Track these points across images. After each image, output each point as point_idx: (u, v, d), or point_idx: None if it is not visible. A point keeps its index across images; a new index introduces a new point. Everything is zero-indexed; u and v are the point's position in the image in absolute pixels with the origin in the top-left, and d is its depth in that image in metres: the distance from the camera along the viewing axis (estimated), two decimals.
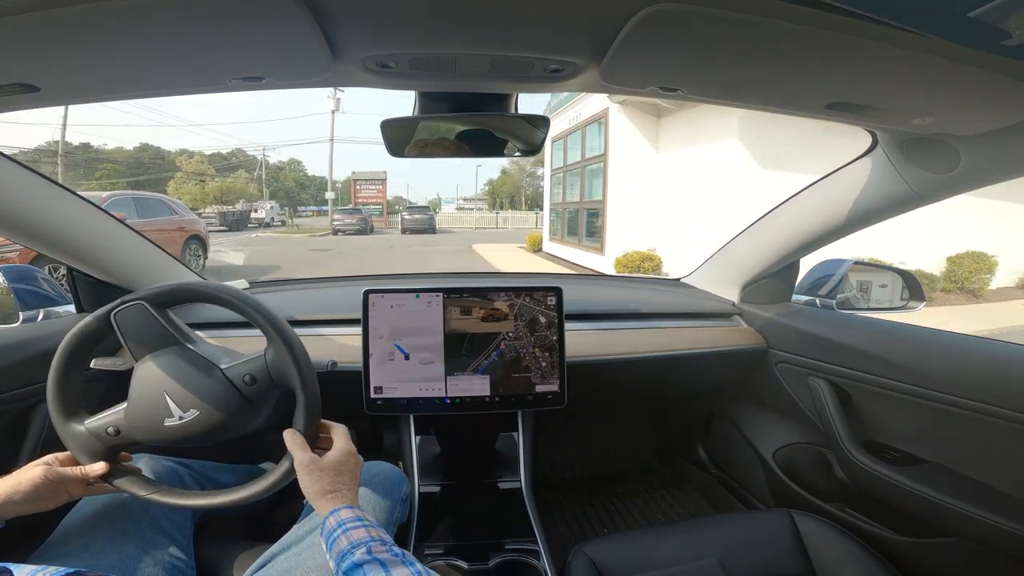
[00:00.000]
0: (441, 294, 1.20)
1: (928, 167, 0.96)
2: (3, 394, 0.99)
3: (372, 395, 1.18)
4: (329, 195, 31.98)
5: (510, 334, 1.21)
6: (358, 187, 34.04)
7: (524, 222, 34.65)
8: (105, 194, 7.82)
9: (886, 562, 1.01)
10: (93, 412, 0.84)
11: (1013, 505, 0.94)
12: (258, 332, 0.84)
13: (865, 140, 1.05)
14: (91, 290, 1.22)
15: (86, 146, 45.90)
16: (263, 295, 1.57)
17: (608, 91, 0.79)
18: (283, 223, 34.73)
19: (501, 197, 56.20)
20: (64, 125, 23.85)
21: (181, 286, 0.85)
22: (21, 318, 1.19)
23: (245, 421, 0.84)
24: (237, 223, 28.03)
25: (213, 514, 1.05)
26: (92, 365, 0.91)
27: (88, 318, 0.81)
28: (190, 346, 0.84)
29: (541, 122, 0.89)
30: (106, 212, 1.20)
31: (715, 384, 1.70)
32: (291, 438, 0.80)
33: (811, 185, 1.27)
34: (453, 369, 1.19)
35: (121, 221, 1.25)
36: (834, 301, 1.49)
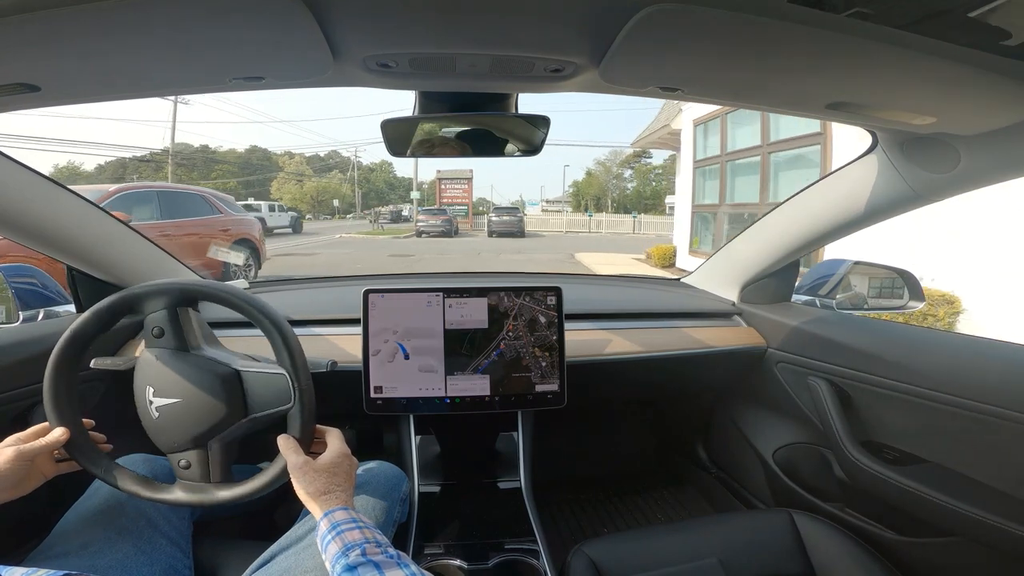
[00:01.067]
0: (441, 294, 1.20)
1: (928, 167, 0.96)
2: (3, 394, 0.99)
3: (372, 395, 1.18)
4: (414, 195, 30.61)
5: (510, 334, 1.21)
6: (443, 186, 31.44)
7: (619, 226, 31.40)
8: (114, 187, 6.13)
9: (885, 562, 1.01)
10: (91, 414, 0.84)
11: (1013, 504, 0.94)
12: (257, 332, 0.84)
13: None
14: (91, 290, 1.22)
15: (205, 147, 47.91)
16: (264, 295, 1.58)
17: (609, 91, 0.79)
18: (408, 219, 35.03)
19: (586, 199, 52.11)
20: (174, 124, 24.40)
21: (177, 285, 0.85)
22: (21, 318, 1.19)
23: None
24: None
25: (211, 514, 1.04)
26: (92, 364, 0.91)
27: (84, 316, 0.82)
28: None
29: (541, 122, 0.89)
30: (106, 212, 1.20)
31: (715, 384, 1.70)
32: (284, 442, 0.80)
33: (812, 185, 1.27)
34: (453, 369, 1.19)
35: (123, 222, 1.25)
36: (834, 301, 1.50)
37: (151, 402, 0.82)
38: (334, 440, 0.84)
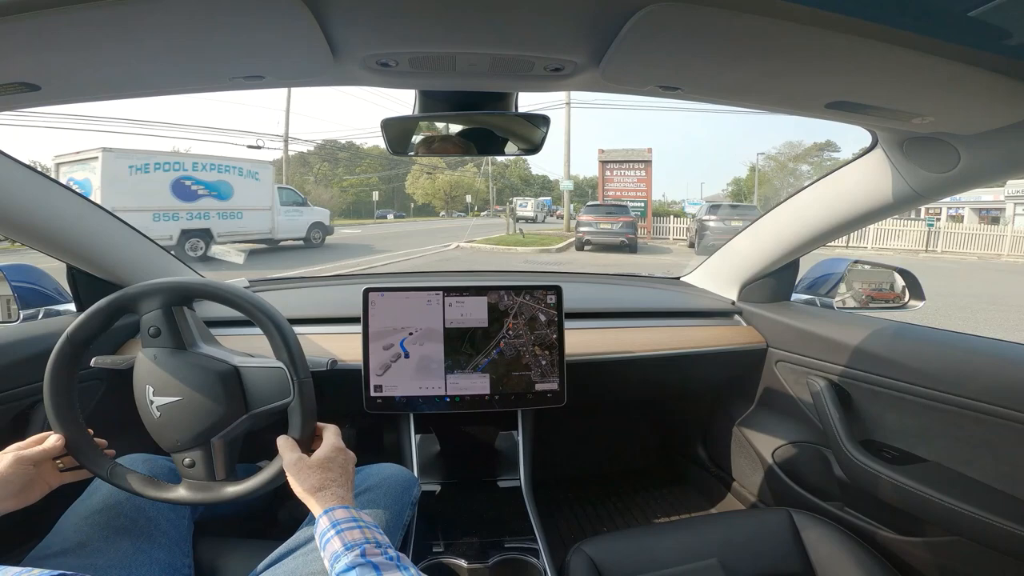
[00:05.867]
0: (441, 292, 1.20)
1: (928, 166, 0.96)
2: (3, 393, 0.99)
3: (372, 394, 1.18)
4: (566, 184, 19.60)
5: (510, 332, 1.21)
6: (610, 173, 20.17)
7: (902, 237, 17.79)
8: None
9: (884, 561, 1.01)
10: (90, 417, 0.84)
11: (1012, 504, 0.94)
12: (256, 331, 0.84)
13: None
14: (91, 288, 1.23)
15: (351, 144, 48.23)
16: (263, 294, 1.58)
17: (609, 90, 0.79)
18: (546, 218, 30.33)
19: (751, 199, 40.67)
20: (287, 113, 23.22)
21: (171, 284, 0.85)
22: (22, 316, 1.19)
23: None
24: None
25: (212, 513, 1.05)
26: (92, 363, 0.91)
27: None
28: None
29: (541, 120, 0.90)
30: (105, 210, 1.20)
31: (715, 383, 1.70)
32: (282, 442, 0.80)
33: (812, 183, 1.27)
34: (453, 367, 1.19)
35: (122, 220, 1.25)
36: (834, 300, 1.50)
37: (152, 402, 0.82)
38: (329, 435, 0.83)
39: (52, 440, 0.79)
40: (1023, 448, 0.93)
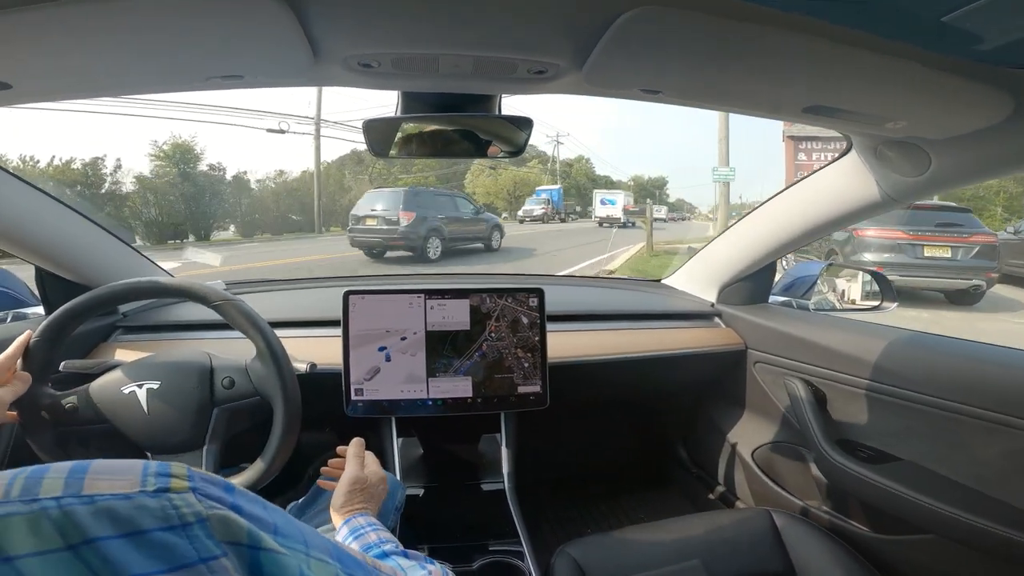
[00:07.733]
0: (423, 295, 1.19)
1: (900, 170, 0.98)
2: None
3: (353, 397, 1.16)
4: (721, 174, 12.27)
5: (492, 335, 1.21)
6: (803, 154, 14.89)
7: None
8: None
9: (863, 559, 1.03)
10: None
11: (985, 502, 0.96)
12: (236, 334, 0.83)
13: None
14: (60, 291, 1.19)
15: None
16: (242, 296, 1.55)
17: (592, 93, 0.80)
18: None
19: None
20: (319, 100, 22.35)
21: (152, 283, 0.83)
22: None
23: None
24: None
25: None
26: (62, 368, 0.88)
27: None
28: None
29: (524, 123, 0.89)
30: (75, 210, 1.17)
31: (695, 384, 1.71)
32: (355, 447, 0.82)
33: (789, 187, 1.29)
34: (435, 370, 1.18)
35: (91, 219, 1.22)
36: (810, 302, 1.53)
37: (132, 390, 0.81)
38: (371, 462, 0.84)
39: (22, 337, 0.78)
40: (996, 447, 0.95)
